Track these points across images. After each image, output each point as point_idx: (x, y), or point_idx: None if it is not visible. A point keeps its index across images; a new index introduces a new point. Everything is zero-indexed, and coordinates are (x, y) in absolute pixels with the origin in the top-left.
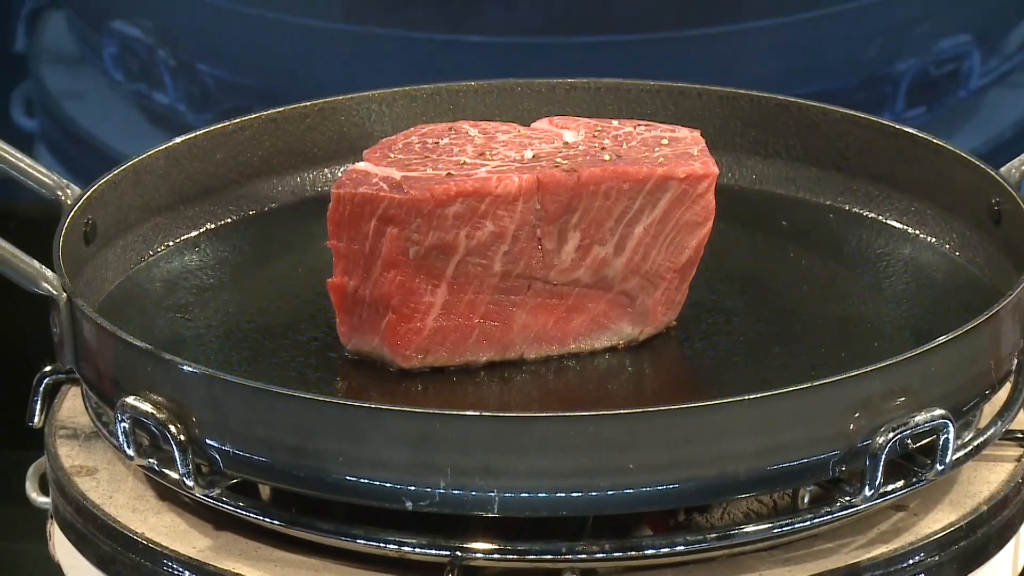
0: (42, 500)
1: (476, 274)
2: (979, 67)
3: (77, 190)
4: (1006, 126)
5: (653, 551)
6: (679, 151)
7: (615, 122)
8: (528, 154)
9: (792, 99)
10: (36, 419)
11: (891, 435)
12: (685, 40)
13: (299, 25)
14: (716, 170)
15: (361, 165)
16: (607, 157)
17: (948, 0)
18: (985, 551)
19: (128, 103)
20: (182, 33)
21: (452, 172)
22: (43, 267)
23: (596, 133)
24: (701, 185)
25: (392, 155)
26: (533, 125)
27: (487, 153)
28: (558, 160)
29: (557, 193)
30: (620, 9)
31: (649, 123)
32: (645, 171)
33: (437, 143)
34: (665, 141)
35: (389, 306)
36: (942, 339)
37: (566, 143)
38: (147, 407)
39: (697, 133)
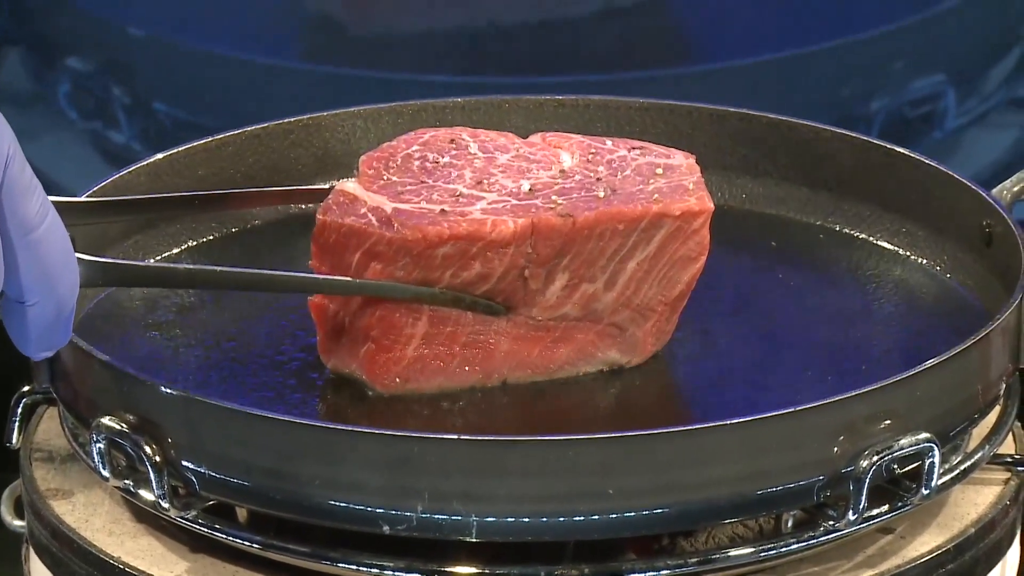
0: (17, 524)
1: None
2: (955, 107)
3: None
4: (983, 166)
5: (635, 575)
6: (674, 183)
7: (608, 142)
8: (525, 186)
9: (783, 118)
10: (14, 440)
11: (875, 459)
12: (658, 79)
13: (259, 64)
14: (711, 206)
15: (350, 186)
16: (601, 193)
17: (923, 40)
18: (972, 574)
19: (83, 143)
20: (138, 71)
21: (446, 208)
22: None
23: (591, 157)
24: (696, 221)
25: (387, 175)
26: (529, 141)
27: (485, 182)
28: (553, 197)
29: (551, 238)
30: (593, 48)
31: (643, 145)
32: (640, 210)
33: (437, 162)
34: (660, 170)
35: (368, 336)
36: (928, 363)
37: (563, 171)
38: (122, 427)
39: (692, 160)
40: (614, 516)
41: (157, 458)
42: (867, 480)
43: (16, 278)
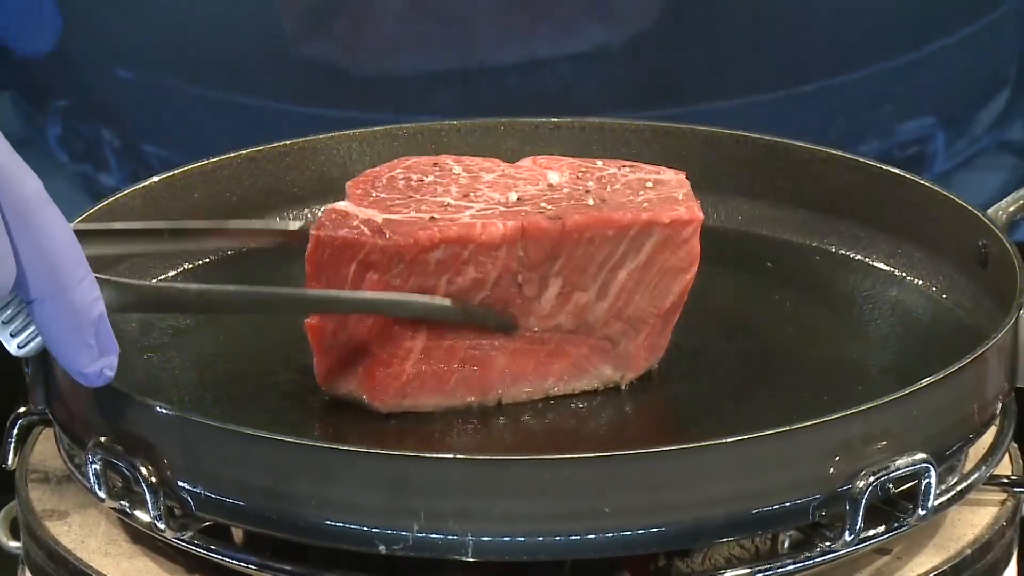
0: (13, 545)
1: None
2: (944, 150)
3: None
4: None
5: None
6: (664, 195)
7: (599, 162)
8: (513, 196)
9: (778, 139)
10: (10, 461)
11: (871, 479)
12: (647, 120)
13: (252, 106)
14: (701, 215)
15: (341, 204)
16: (591, 202)
17: (911, 82)
18: None
19: (73, 185)
20: (128, 114)
21: (435, 216)
22: None
23: (580, 174)
24: (686, 231)
25: (374, 193)
26: (516, 164)
27: (471, 195)
28: (542, 205)
29: (541, 241)
30: (584, 89)
31: (633, 164)
32: (630, 217)
33: (421, 180)
34: (650, 184)
35: (368, 351)
36: (923, 382)
37: (550, 185)
38: (118, 448)
39: (682, 176)
40: (610, 535)
41: (153, 479)
42: (863, 500)
43: (21, 273)
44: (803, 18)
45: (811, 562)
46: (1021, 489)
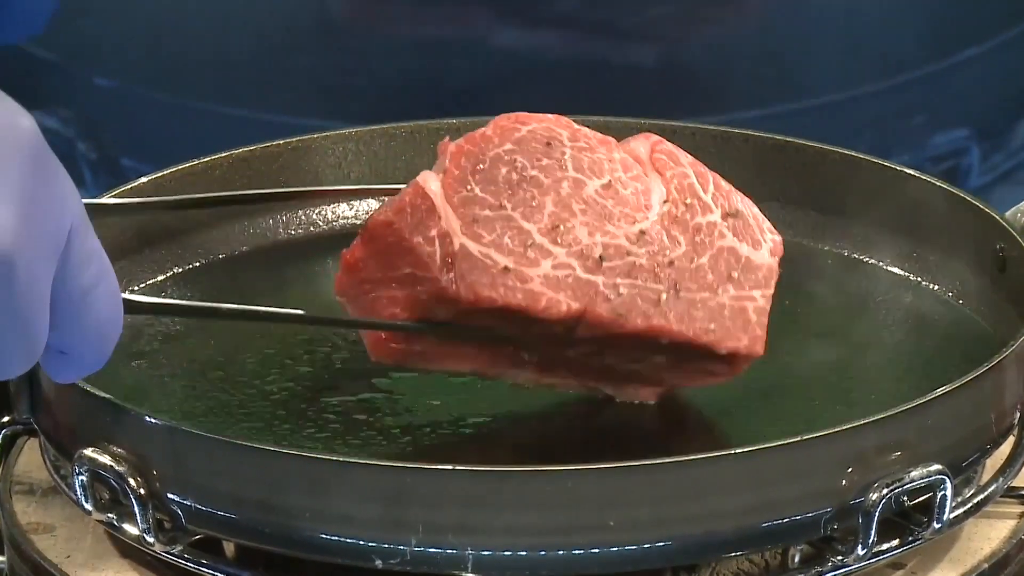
0: None
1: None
2: (979, 164)
3: None
4: None
5: None
6: (738, 306)
7: (711, 189)
8: (597, 250)
9: (789, 139)
10: None
11: (885, 491)
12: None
13: (232, 116)
14: (760, 351)
15: (432, 187)
16: (664, 296)
17: (945, 92)
18: None
19: None
20: (105, 125)
21: (509, 265)
22: None
23: (680, 214)
24: (739, 358)
25: (471, 183)
26: (633, 141)
27: (561, 228)
28: (617, 280)
29: (595, 326)
30: (597, 96)
31: (738, 211)
32: (690, 335)
33: (524, 174)
34: (736, 273)
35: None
36: (939, 391)
37: (642, 232)
38: (106, 459)
39: (776, 261)
40: (615, 550)
41: (142, 491)
42: (876, 513)
43: (64, 335)
44: (827, 28)
45: None
46: None
